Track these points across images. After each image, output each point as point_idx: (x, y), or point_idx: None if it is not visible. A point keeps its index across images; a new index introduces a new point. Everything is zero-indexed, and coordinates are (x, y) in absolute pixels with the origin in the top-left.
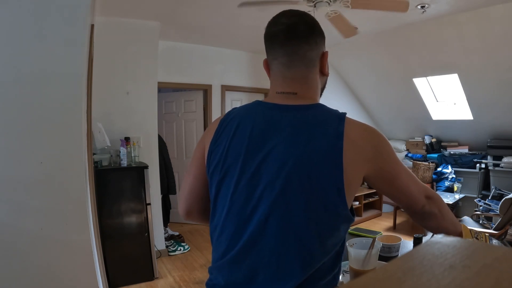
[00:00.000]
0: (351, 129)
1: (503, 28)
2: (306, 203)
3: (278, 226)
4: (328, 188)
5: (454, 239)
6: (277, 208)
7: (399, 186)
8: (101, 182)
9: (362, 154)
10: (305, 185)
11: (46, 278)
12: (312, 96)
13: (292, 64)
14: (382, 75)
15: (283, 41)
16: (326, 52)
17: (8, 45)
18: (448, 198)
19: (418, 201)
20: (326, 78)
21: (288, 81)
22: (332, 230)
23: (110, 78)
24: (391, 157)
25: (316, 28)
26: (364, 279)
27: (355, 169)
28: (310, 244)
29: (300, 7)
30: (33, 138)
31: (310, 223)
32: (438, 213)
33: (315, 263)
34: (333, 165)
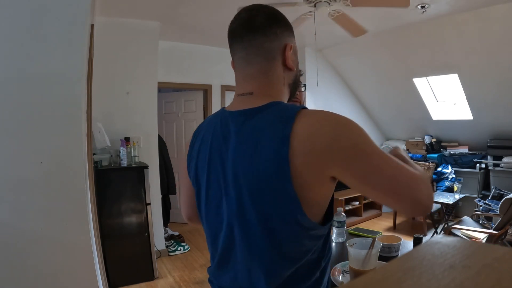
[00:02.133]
0: (302, 126)
1: (503, 28)
2: (259, 214)
3: (241, 237)
4: (279, 197)
5: (454, 239)
6: (237, 220)
7: (376, 184)
8: (101, 182)
9: (317, 153)
10: (256, 196)
11: (46, 278)
12: (271, 93)
13: (250, 57)
14: (382, 75)
15: (240, 34)
16: (289, 44)
17: (8, 45)
18: (448, 198)
19: (403, 202)
20: (295, 73)
21: (248, 79)
22: (293, 239)
23: (110, 78)
24: (358, 148)
25: (276, 19)
26: (364, 279)
27: (311, 171)
28: (269, 254)
29: (300, 8)
30: (33, 138)
31: (267, 234)
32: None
33: (278, 274)
34: (280, 172)
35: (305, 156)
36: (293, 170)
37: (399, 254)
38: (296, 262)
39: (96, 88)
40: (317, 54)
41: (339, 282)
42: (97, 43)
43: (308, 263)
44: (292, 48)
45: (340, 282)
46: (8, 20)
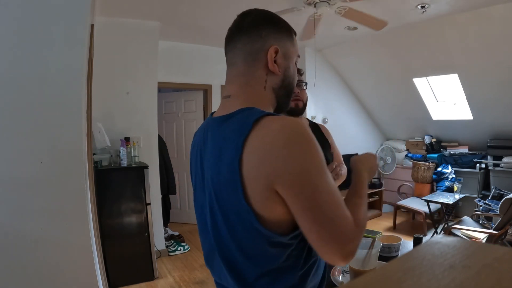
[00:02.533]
0: (256, 137)
1: (503, 28)
2: (225, 218)
3: (215, 240)
4: (235, 204)
5: (454, 239)
6: (211, 225)
7: (311, 218)
8: (101, 182)
9: (262, 164)
10: (220, 201)
11: (46, 278)
12: (246, 97)
13: (233, 59)
14: (382, 75)
15: (229, 36)
16: (274, 46)
17: (8, 45)
18: (448, 198)
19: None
20: (281, 77)
21: (229, 82)
22: (256, 245)
23: (110, 78)
24: (305, 176)
25: (265, 21)
26: (364, 279)
27: (259, 185)
28: (236, 257)
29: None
30: (33, 138)
31: (232, 238)
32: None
33: (246, 277)
34: (233, 181)
35: (253, 169)
36: (243, 180)
37: (399, 254)
38: (263, 267)
39: (96, 88)
40: (316, 54)
41: (339, 282)
42: (97, 43)
43: (282, 269)
44: (278, 51)
45: (340, 282)
46: (8, 20)
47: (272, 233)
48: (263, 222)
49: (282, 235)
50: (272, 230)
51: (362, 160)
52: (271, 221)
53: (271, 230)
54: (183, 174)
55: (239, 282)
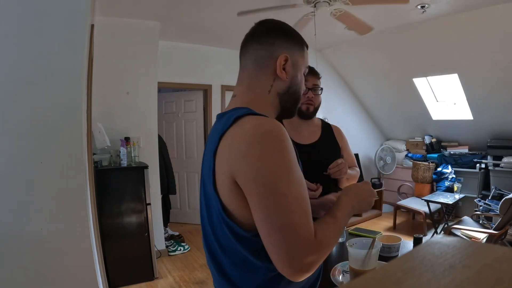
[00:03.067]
0: (233, 130)
1: (503, 28)
2: (207, 208)
3: (203, 228)
4: (211, 193)
5: (454, 239)
6: (201, 213)
7: (255, 209)
8: (101, 182)
9: (228, 156)
10: (205, 190)
11: (46, 278)
12: (248, 98)
13: (244, 63)
14: (382, 75)
15: (244, 42)
16: (284, 55)
17: (8, 45)
18: (448, 198)
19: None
20: (287, 84)
21: (238, 82)
22: (225, 235)
23: (110, 78)
24: (254, 161)
25: (275, 30)
26: (364, 279)
27: (224, 175)
28: (215, 248)
29: (301, 9)
30: (33, 138)
31: (211, 227)
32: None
33: (223, 266)
34: (209, 171)
35: (222, 160)
36: (214, 170)
37: (399, 254)
38: (233, 258)
39: (96, 88)
40: (316, 54)
41: (339, 282)
42: (97, 43)
43: (254, 266)
44: (288, 59)
45: (340, 282)
46: (8, 20)
47: (235, 225)
48: (228, 214)
49: (245, 230)
50: (235, 222)
51: (350, 189)
52: (236, 213)
53: (234, 221)
54: (183, 174)
55: (218, 270)
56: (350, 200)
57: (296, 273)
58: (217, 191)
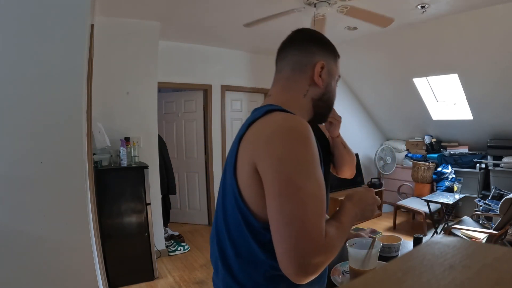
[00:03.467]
0: (262, 120)
1: (503, 28)
2: (223, 200)
3: (215, 221)
4: (230, 184)
5: (454, 239)
6: (216, 204)
7: (271, 198)
8: (101, 182)
9: (252, 143)
10: (223, 182)
11: (46, 278)
12: (281, 98)
13: (282, 66)
14: (382, 75)
15: (282, 47)
16: (321, 62)
17: (8, 45)
18: (448, 198)
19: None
20: (322, 91)
21: (274, 83)
22: (236, 222)
23: (110, 78)
24: (278, 151)
25: (314, 39)
26: (364, 279)
27: (245, 159)
28: (225, 240)
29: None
30: (33, 138)
31: (223, 212)
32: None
33: (229, 262)
34: (231, 161)
35: (246, 145)
36: (237, 154)
37: (399, 254)
38: (238, 247)
39: (96, 88)
40: None
41: (339, 282)
42: (97, 43)
43: (254, 257)
44: (325, 67)
45: (340, 282)
46: (8, 20)
47: (247, 211)
48: (243, 198)
49: (256, 219)
50: (248, 208)
51: (353, 196)
52: (250, 201)
53: (247, 208)
54: (183, 174)
55: (222, 259)
56: (354, 207)
57: (300, 273)
58: (236, 175)
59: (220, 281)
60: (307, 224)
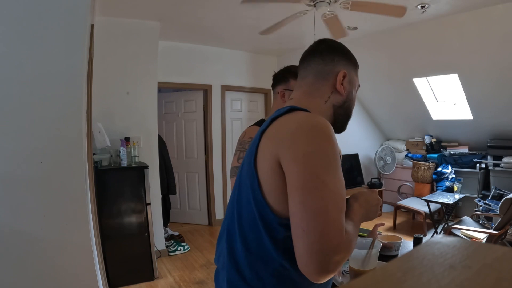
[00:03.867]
0: (286, 117)
1: (503, 28)
2: (239, 194)
3: (230, 215)
4: (249, 168)
5: (454, 239)
6: (230, 200)
7: (290, 204)
8: (101, 182)
9: (275, 137)
10: (243, 171)
11: (46, 278)
12: (303, 102)
13: (305, 74)
14: (382, 75)
15: (305, 57)
16: (343, 71)
17: (8, 45)
18: (448, 198)
19: (297, 251)
20: (343, 98)
21: (297, 88)
22: (250, 217)
23: (110, 78)
24: (303, 146)
25: (336, 49)
26: (364, 279)
27: (268, 152)
28: (235, 234)
29: (300, 7)
30: (33, 138)
31: (238, 214)
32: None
33: (237, 259)
34: (252, 153)
35: (269, 139)
36: (258, 147)
37: (399, 254)
38: (250, 245)
39: (96, 88)
40: None
41: (339, 282)
42: (97, 43)
43: (266, 256)
44: (346, 76)
45: (340, 282)
46: (8, 20)
47: (265, 204)
48: (262, 192)
49: (274, 213)
50: (266, 202)
51: (358, 197)
52: (270, 194)
53: (266, 201)
54: (183, 174)
55: (230, 258)
56: (360, 207)
57: (320, 270)
58: (256, 167)
59: (223, 278)
60: (330, 220)
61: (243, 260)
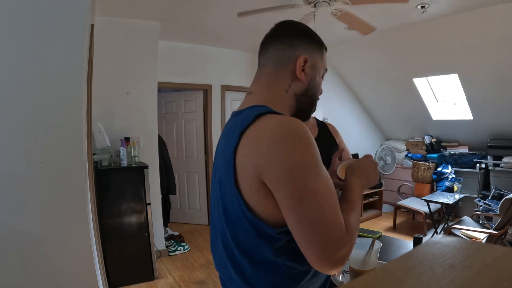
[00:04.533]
0: (255, 128)
1: (503, 28)
2: (224, 205)
3: (219, 227)
4: (230, 188)
5: (454, 239)
6: (217, 211)
7: (287, 209)
8: (101, 182)
9: (252, 155)
10: (222, 188)
11: (46, 278)
12: (264, 96)
13: (264, 61)
14: (382, 75)
15: (264, 41)
16: (304, 56)
17: (8, 45)
18: (448, 198)
19: (306, 253)
20: (305, 86)
21: (255, 80)
22: (245, 233)
23: (110, 78)
24: (282, 160)
25: (297, 31)
26: (364, 279)
27: (249, 174)
28: (232, 247)
29: (301, 9)
30: (33, 138)
31: (228, 226)
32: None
33: (242, 267)
34: (229, 167)
35: (245, 158)
36: (235, 167)
37: (399, 254)
38: (254, 257)
39: (96, 88)
40: None
41: (339, 282)
42: (97, 43)
43: (273, 265)
44: (308, 61)
45: (340, 282)
46: (8, 20)
47: (259, 221)
48: (251, 210)
49: (270, 226)
50: (259, 218)
51: (354, 167)
52: (260, 210)
53: (258, 218)
54: (183, 174)
55: (235, 270)
56: (358, 178)
57: (332, 267)
58: (238, 188)
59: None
60: (328, 224)
61: (249, 271)
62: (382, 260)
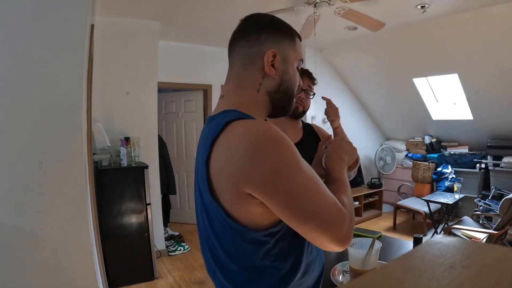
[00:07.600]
0: (225, 136)
1: (503, 28)
2: (207, 213)
3: (204, 233)
4: (213, 208)
5: (454, 239)
6: (200, 218)
7: (283, 211)
8: (101, 182)
9: (228, 166)
10: (200, 192)
11: (46, 278)
12: (235, 99)
13: (232, 61)
14: (382, 75)
15: (232, 39)
16: (271, 50)
17: (8, 45)
18: (448, 198)
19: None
20: (277, 81)
21: (226, 82)
22: (231, 240)
23: (110, 78)
24: (262, 167)
25: (264, 25)
26: (364, 279)
27: (226, 185)
28: (219, 253)
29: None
30: (33, 138)
31: (213, 233)
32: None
33: (229, 272)
34: (203, 178)
35: (220, 169)
36: (210, 178)
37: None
38: (241, 263)
39: (96, 88)
40: (316, 54)
41: (339, 282)
42: (97, 43)
43: (261, 268)
44: (277, 55)
45: (340, 282)
46: (8, 20)
47: (243, 227)
48: (233, 217)
49: (256, 230)
50: (243, 224)
51: (327, 153)
52: (242, 217)
53: (243, 225)
54: (183, 174)
55: (225, 276)
56: (335, 155)
57: (345, 243)
58: (216, 199)
59: None
60: (327, 209)
61: (240, 279)
62: (382, 260)
